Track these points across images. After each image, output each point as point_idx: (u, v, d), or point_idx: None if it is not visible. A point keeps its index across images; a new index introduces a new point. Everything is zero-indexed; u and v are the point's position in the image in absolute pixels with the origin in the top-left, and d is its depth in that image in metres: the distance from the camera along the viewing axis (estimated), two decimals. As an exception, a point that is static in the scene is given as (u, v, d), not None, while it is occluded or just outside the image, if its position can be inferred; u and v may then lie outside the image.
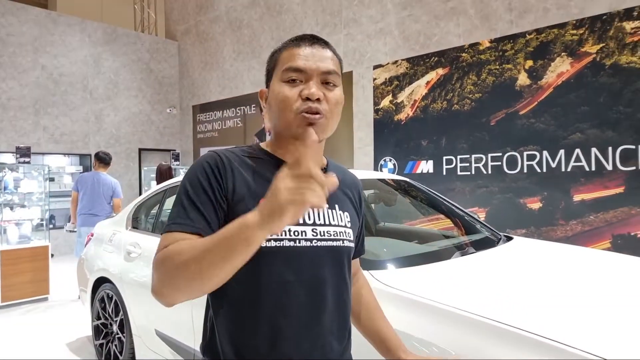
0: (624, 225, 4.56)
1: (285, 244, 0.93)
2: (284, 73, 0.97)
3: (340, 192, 1.08)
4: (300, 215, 0.69)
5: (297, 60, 0.96)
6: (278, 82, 0.98)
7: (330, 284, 1.00)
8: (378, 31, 6.66)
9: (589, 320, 1.45)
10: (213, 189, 0.93)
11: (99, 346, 3.38)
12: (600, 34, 4.69)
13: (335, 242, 1.00)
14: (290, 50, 0.98)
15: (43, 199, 5.49)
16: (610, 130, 4.61)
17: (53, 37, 8.52)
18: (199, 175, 0.94)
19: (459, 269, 2.00)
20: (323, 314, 0.98)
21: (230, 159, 0.98)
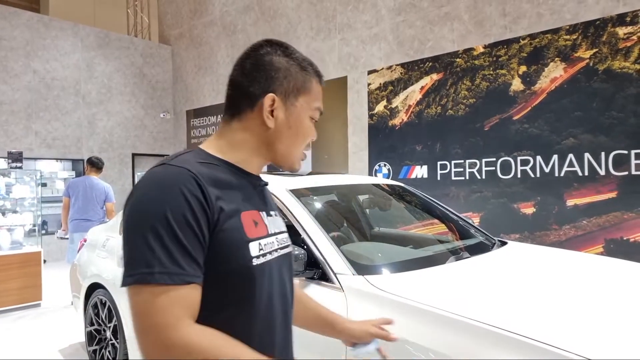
0: (617, 230, 4.59)
1: (268, 258, 0.92)
2: (315, 112, 1.01)
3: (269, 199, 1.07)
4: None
5: (321, 104, 1.02)
6: (308, 116, 0.99)
7: (290, 287, 1.04)
8: (372, 36, 6.68)
9: (582, 323, 1.45)
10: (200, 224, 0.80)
11: (93, 352, 3.34)
12: (593, 39, 4.74)
13: (287, 249, 1.04)
14: (319, 87, 1.02)
15: (35, 205, 5.45)
16: (603, 135, 4.65)
17: (45, 41, 8.48)
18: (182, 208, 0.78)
19: (453, 273, 1.99)
20: (289, 316, 1.03)
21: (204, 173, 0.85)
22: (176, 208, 0.78)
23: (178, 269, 0.76)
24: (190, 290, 0.77)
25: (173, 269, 0.75)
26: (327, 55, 7.26)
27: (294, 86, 0.96)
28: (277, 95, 0.94)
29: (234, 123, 0.96)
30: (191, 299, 0.78)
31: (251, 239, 0.88)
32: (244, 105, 0.94)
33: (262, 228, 0.93)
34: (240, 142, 0.95)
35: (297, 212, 2.13)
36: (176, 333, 0.74)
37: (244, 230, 0.87)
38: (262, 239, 0.91)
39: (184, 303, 0.76)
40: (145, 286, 0.74)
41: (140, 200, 0.80)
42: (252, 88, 0.93)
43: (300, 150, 1.00)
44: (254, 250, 0.88)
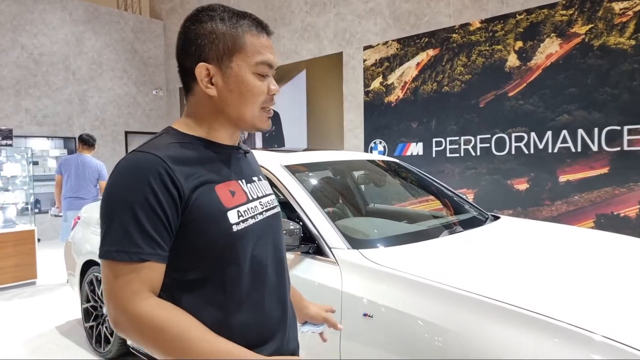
0: (608, 205, 4.64)
1: (249, 223, 0.97)
2: (259, 66, 0.95)
3: (254, 163, 1.15)
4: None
5: (268, 54, 0.96)
6: (249, 73, 0.95)
7: (282, 248, 1.10)
8: (368, 11, 6.58)
9: (571, 293, 1.48)
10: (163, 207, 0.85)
11: (89, 329, 3.37)
12: (589, 14, 4.69)
13: (274, 210, 1.09)
14: (257, 39, 0.95)
15: (27, 183, 5.40)
16: (597, 111, 4.65)
17: (32, 15, 8.28)
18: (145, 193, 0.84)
19: (446, 247, 2.02)
20: (284, 276, 1.08)
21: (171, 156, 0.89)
22: (140, 192, 0.85)
23: (136, 248, 0.84)
24: (147, 267, 0.85)
25: (131, 248, 0.83)
26: (322, 31, 7.15)
27: (224, 48, 0.93)
28: (210, 63, 0.94)
29: (190, 98, 0.99)
30: (148, 275, 0.85)
31: (229, 208, 0.94)
32: (189, 80, 0.97)
33: (240, 196, 0.98)
34: (200, 116, 0.98)
35: (292, 187, 2.13)
36: (131, 306, 0.83)
37: (220, 201, 0.93)
38: (241, 206, 0.97)
39: (140, 278, 0.84)
40: (109, 261, 0.85)
41: (111, 186, 0.88)
42: (187, 62, 0.95)
43: (254, 109, 0.97)
44: (233, 218, 0.93)
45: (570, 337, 1.23)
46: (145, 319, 0.82)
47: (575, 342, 1.22)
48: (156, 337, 0.82)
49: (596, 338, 1.21)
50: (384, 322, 1.59)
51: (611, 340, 1.19)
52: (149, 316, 0.83)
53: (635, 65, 4.42)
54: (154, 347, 0.83)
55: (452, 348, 1.40)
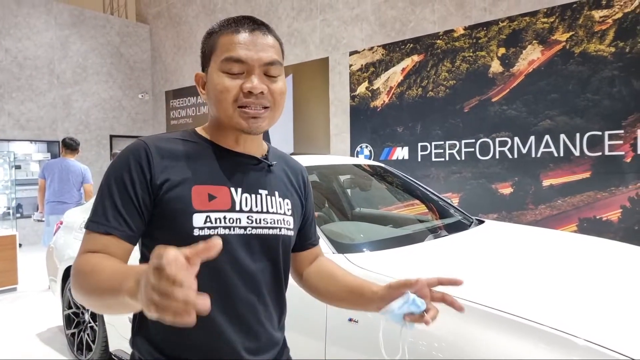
0: (590, 209, 4.72)
1: (219, 232, 0.91)
2: (224, 63, 0.92)
3: (281, 179, 1.06)
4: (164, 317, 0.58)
5: (238, 50, 0.91)
6: (217, 71, 0.93)
7: (265, 274, 0.99)
8: (354, 17, 6.63)
9: (558, 298, 1.50)
10: (135, 188, 0.89)
11: (71, 336, 3.31)
12: (570, 22, 4.79)
13: (271, 230, 0.98)
14: (230, 37, 0.93)
15: (9, 187, 5.32)
16: (578, 117, 4.74)
17: (17, 19, 8.17)
18: (122, 171, 0.90)
19: (431, 251, 2.03)
20: (259, 304, 0.97)
21: (160, 146, 0.93)
22: (119, 172, 0.91)
23: (104, 220, 0.89)
24: (109, 239, 0.88)
25: (101, 220, 0.89)
26: (309, 36, 7.18)
27: (207, 55, 0.98)
28: (203, 71, 1.00)
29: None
30: (108, 244, 0.88)
31: (197, 210, 0.90)
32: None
33: (222, 202, 0.93)
34: (210, 120, 1.03)
35: (277, 191, 2.12)
36: (75, 260, 0.87)
37: (190, 201, 0.91)
38: (216, 213, 0.92)
39: (96, 244, 0.88)
40: (85, 231, 0.91)
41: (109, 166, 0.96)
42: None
43: (227, 109, 0.93)
44: (198, 222, 0.90)
45: (554, 341, 1.25)
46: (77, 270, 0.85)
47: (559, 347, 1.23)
48: (75, 278, 0.84)
49: (579, 342, 1.22)
50: (370, 327, 1.59)
51: (594, 345, 1.20)
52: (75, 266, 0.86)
53: (615, 71, 4.52)
54: (75, 290, 0.84)
55: (437, 352, 1.41)
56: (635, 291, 1.60)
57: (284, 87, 0.97)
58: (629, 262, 2.01)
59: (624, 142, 4.50)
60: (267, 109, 0.94)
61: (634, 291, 1.60)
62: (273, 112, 0.96)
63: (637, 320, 1.37)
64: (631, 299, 1.53)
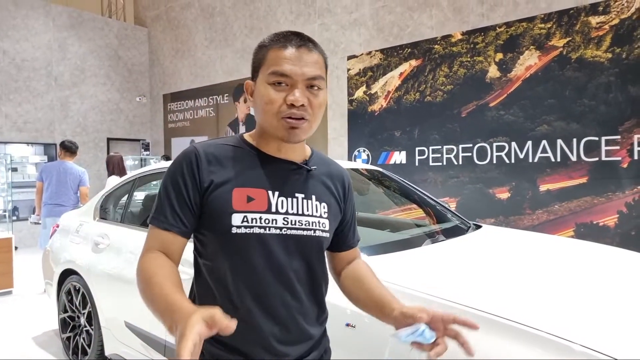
0: (587, 214, 4.73)
1: (255, 231, 1.00)
2: (270, 76, 0.99)
3: (320, 183, 1.12)
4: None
5: (284, 65, 0.98)
6: (264, 83, 1.01)
7: (299, 272, 1.06)
8: (352, 22, 6.65)
9: (555, 303, 1.50)
10: (187, 189, 1.02)
11: (67, 339, 3.30)
12: (567, 28, 4.81)
13: (306, 232, 1.05)
14: (277, 52, 1.00)
15: (5, 190, 5.30)
16: (575, 122, 4.76)
17: (15, 20, 8.16)
18: (177, 175, 1.03)
19: (428, 255, 2.03)
20: (293, 302, 1.05)
21: (208, 152, 1.04)
22: (174, 176, 1.04)
23: (164, 218, 1.02)
24: (167, 234, 1.02)
25: (161, 217, 1.03)
26: (307, 40, 7.19)
27: (256, 67, 1.06)
28: (253, 80, 1.07)
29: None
30: (166, 242, 1.02)
31: (235, 211, 1.00)
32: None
33: (259, 204, 1.02)
34: (256, 127, 1.10)
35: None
36: (141, 256, 1.02)
37: (230, 202, 1.01)
38: (253, 213, 1.01)
39: (157, 241, 1.03)
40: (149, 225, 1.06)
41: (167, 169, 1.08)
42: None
43: (271, 119, 1.00)
44: (236, 221, 1.00)
45: (550, 346, 1.25)
46: (139, 270, 0.98)
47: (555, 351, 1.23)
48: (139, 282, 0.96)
49: (575, 347, 1.22)
50: (367, 332, 1.59)
51: (590, 350, 1.20)
52: (140, 265, 0.99)
53: (612, 77, 4.54)
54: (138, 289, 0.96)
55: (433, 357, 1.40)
56: (632, 296, 1.61)
57: (324, 100, 1.05)
58: (625, 268, 2.01)
59: (620, 148, 4.52)
60: (305, 120, 1.01)
61: (630, 296, 1.60)
62: (311, 123, 1.03)
63: (633, 325, 1.37)
64: (627, 304, 1.53)
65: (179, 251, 1.04)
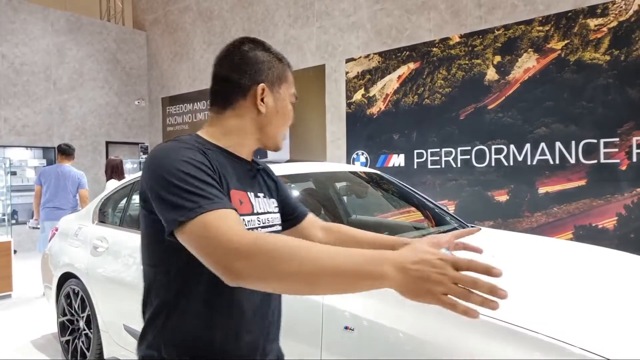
0: (586, 217, 4.73)
1: None
2: (292, 97, 1.14)
3: (264, 182, 1.21)
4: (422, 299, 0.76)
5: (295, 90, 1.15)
6: (288, 99, 1.12)
7: None
8: (350, 24, 6.66)
9: (554, 306, 1.50)
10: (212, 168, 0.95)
11: (65, 343, 3.29)
12: (565, 30, 4.83)
13: (273, 227, 1.14)
14: (291, 75, 1.15)
15: (4, 193, 5.29)
16: (574, 125, 4.77)
17: (14, 25, 8.17)
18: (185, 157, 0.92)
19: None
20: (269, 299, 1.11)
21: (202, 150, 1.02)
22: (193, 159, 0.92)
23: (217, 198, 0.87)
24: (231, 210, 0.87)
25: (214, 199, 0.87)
26: (305, 43, 7.21)
27: (277, 76, 1.09)
28: (265, 85, 1.07)
29: (227, 112, 1.07)
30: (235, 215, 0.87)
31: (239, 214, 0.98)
32: (236, 96, 1.06)
33: (246, 206, 1.05)
34: (233, 128, 1.07)
35: (273, 198, 2.13)
36: (238, 236, 0.80)
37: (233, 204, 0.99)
38: (245, 216, 1.03)
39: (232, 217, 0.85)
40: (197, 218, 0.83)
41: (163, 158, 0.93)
42: (242, 80, 1.06)
43: (284, 131, 1.14)
44: None
45: (549, 349, 1.24)
46: (261, 242, 0.79)
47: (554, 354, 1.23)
48: (279, 254, 0.77)
49: (575, 350, 1.22)
50: (366, 335, 1.58)
51: (590, 352, 1.20)
52: (262, 239, 0.80)
53: (610, 80, 4.56)
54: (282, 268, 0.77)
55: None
56: (631, 299, 1.61)
57: None
58: (624, 270, 2.01)
59: (619, 150, 4.53)
60: None
61: (629, 299, 1.60)
62: None
63: (633, 327, 1.37)
64: (627, 306, 1.53)
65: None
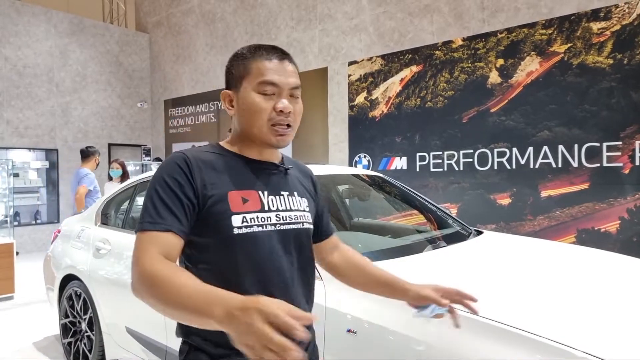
0: (589, 220, 4.72)
1: (255, 230, 1.06)
2: (260, 85, 1.07)
3: (298, 182, 1.24)
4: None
5: (272, 75, 1.07)
6: (252, 92, 1.08)
7: (296, 261, 1.15)
8: (353, 27, 6.67)
9: (557, 310, 1.50)
10: (182, 187, 1.02)
11: (68, 345, 3.29)
12: (568, 34, 4.83)
13: (297, 225, 1.15)
14: (263, 63, 1.09)
15: (7, 195, 5.30)
16: (577, 128, 4.76)
17: (17, 27, 8.20)
18: (166, 175, 1.03)
19: (430, 261, 2.03)
20: (292, 289, 1.12)
21: (198, 157, 1.08)
22: (165, 177, 1.03)
23: (160, 219, 0.98)
24: (167, 235, 0.98)
25: (156, 219, 0.98)
26: (308, 46, 7.22)
27: (237, 77, 1.11)
28: (230, 90, 1.13)
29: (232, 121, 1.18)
30: (166, 241, 0.97)
31: (234, 213, 1.05)
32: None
33: (253, 204, 1.08)
34: (234, 133, 1.17)
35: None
36: (144, 262, 0.93)
37: (228, 205, 1.05)
38: (250, 213, 1.06)
39: (157, 243, 0.96)
40: (139, 232, 0.99)
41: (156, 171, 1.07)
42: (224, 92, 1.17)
43: (260, 126, 1.08)
44: (237, 222, 1.04)
45: (551, 352, 1.24)
46: (147, 273, 0.90)
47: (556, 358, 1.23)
48: (152, 287, 0.89)
49: (577, 354, 1.21)
50: (368, 338, 1.58)
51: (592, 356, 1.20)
52: (148, 270, 0.91)
53: (613, 83, 4.55)
54: (152, 297, 0.89)
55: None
56: (633, 303, 1.60)
57: (302, 108, 1.16)
58: (627, 274, 2.00)
59: (622, 154, 4.52)
60: (290, 127, 1.11)
61: (631, 303, 1.60)
62: (294, 129, 1.13)
63: (635, 331, 1.36)
64: (629, 310, 1.52)
65: (177, 254, 1.02)
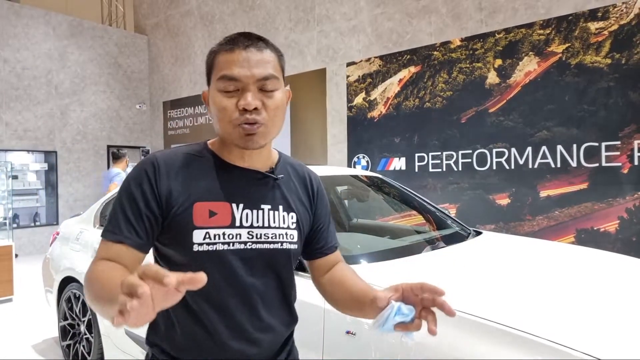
0: (588, 220, 4.72)
1: (218, 248, 0.96)
2: (220, 82, 0.94)
3: (288, 191, 1.07)
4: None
5: (232, 68, 0.93)
6: (214, 90, 0.96)
7: (273, 281, 1.03)
8: (351, 28, 6.68)
9: (556, 310, 1.50)
10: (144, 196, 0.95)
11: (66, 347, 3.28)
12: (566, 34, 4.83)
13: (272, 245, 1.01)
14: (225, 55, 0.95)
15: (6, 197, 5.29)
16: (575, 128, 4.76)
17: (16, 29, 8.20)
18: (132, 185, 0.96)
19: (428, 262, 2.03)
20: (261, 311, 1.01)
21: (169, 162, 0.98)
22: (130, 186, 0.97)
23: (117, 230, 0.94)
24: (120, 247, 0.93)
25: (114, 229, 0.94)
26: (306, 47, 7.22)
27: (207, 74, 1.01)
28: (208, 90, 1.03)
29: None
30: (120, 253, 0.93)
31: (196, 227, 0.95)
32: None
33: (222, 219, 0.97)
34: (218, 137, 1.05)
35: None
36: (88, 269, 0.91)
37: (191, 217, 0.95)
38: (216, 229, 0.96)
39: (111, 253, 0.93)
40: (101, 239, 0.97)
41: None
42: None
43: (226, 126, 0.95)
44: (198, 238, 0.95)
45: (550, 353, 1.24)
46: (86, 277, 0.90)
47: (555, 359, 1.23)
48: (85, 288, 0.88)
49: (576, 354, 1.21)
50: (367, 339, 1.58)
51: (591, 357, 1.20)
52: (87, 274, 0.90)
53: (612, 83, 4.55)
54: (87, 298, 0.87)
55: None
56: (632, 303, 1.60)
57: (280, 101, 0.98)
58: (626, 274, 2.00)
59: (620, 153, 4.52)
60: (261, 124, 0.94)
61: (630, 303, 1.60)
62: (268, 127, 0.96)
63: (634, 331, 1.36)
64: (628, 310, 1.52)
65: (134, 267, 0.91)
